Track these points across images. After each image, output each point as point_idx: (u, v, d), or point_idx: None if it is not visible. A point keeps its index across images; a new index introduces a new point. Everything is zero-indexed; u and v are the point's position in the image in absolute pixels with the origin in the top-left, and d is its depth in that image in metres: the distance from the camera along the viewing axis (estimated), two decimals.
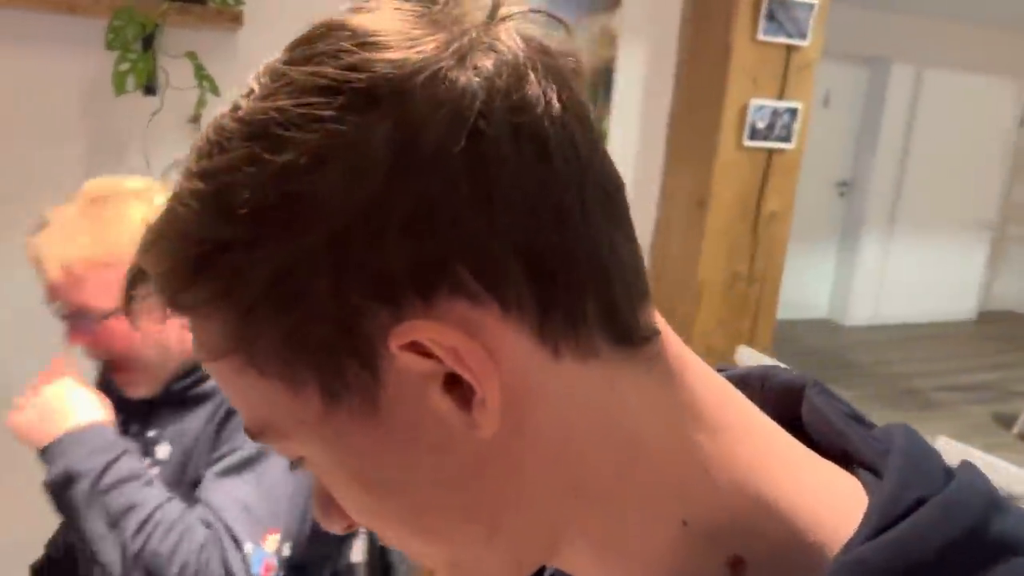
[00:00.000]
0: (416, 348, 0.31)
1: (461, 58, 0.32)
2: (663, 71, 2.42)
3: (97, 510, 0.85)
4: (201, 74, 1.77)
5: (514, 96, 0.31)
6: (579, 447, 0.34)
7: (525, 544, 0.36)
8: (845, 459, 0.37)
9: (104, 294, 0.96)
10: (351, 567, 1.10)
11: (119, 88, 1.72)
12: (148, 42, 1.74)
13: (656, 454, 0.34)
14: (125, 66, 1.71)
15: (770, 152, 2.30)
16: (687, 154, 2.37)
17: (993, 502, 0.33)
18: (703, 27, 2.30)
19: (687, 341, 0.38)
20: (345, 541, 1.09)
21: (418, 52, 0.31)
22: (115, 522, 0.85)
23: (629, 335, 0.34)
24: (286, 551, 0.93)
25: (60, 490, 0.87)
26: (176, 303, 0.34)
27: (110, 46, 1.70)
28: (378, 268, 0.31)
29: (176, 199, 0.34)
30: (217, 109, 0.35)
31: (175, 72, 1.78)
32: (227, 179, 0.32)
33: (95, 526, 0.85)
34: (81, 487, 0.86)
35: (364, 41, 0.32)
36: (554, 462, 0.34)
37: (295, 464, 0.38)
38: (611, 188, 0.34)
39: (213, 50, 1.83)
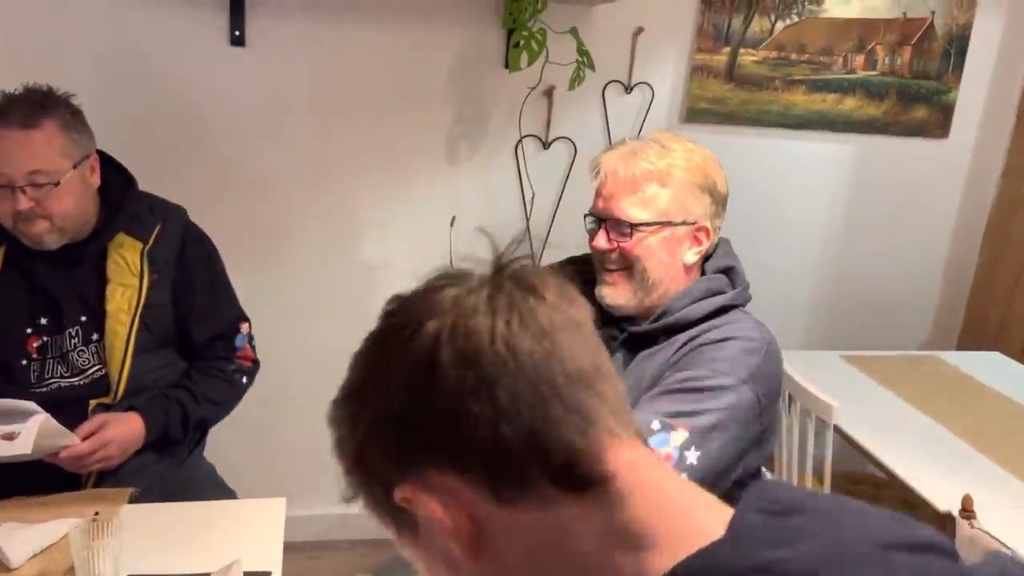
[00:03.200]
0: (407, 501, 0.48)
1: (439, 314, 0.48)
2: (1021, 37, 2.30)
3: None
4: (581, 50, 1.85)
5: (459, 337, 0.46)
6: (536, 564, 0.49)
7: None
8: None
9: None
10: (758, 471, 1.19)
11: (514, 65, 1.83)
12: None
13: (590, 568, 0.48)
14: (518, 44, 1.82)
15: None
16: None
17: None
18: None
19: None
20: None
21: (416, 316, 0.48)
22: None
23: (581, 485, 0.47)
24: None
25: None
26: None
27: (506, 24, 1.83)
28: (389, 452, 0.49)
29: None
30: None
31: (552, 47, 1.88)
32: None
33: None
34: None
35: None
36: (525, 573, 0.49)
37: None
38: (562, 378, 0.47)
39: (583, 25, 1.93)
